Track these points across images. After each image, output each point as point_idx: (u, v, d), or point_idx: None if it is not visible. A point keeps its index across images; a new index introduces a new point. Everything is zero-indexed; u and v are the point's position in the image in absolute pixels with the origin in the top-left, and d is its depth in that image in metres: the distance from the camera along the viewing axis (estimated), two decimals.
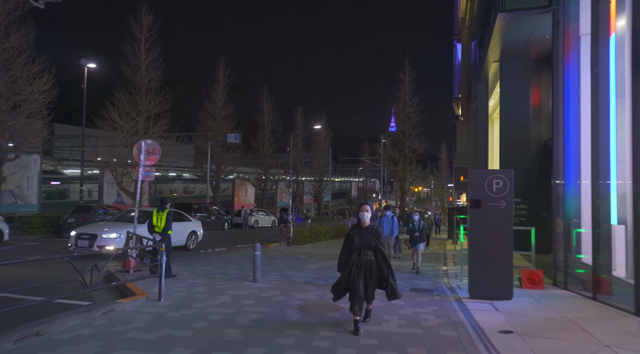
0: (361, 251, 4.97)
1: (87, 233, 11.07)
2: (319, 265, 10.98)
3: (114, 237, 10.97)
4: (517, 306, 6.34)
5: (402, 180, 28.42)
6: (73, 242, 11.04)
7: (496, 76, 15.16)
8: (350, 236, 5.07)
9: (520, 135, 13.93)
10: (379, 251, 5.00)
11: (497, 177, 6.87)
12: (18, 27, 15.95)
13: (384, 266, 5.00)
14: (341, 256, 5.12)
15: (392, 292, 5.03)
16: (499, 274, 6.75)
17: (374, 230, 5.04)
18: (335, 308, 6.13)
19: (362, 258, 4.97)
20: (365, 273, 4.97)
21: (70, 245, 11.16)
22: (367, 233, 5.00)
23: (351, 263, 4.95)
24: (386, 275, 5.00)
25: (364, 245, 4.96)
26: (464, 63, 25.52)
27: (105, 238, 10.92)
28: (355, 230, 5.07)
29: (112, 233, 11.08)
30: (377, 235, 5.02)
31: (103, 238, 10.90)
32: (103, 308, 5.51)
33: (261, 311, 5.87)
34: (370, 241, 4.97)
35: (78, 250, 10.73)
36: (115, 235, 10.99)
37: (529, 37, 11.61)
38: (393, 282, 5.03)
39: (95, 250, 10.46)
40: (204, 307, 6.03)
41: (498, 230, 6.80)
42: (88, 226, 12.32)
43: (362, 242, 4.96)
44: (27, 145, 17.48)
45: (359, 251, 4.97)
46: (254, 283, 7.97)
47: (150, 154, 8.83)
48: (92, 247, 10.63)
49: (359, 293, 4.81)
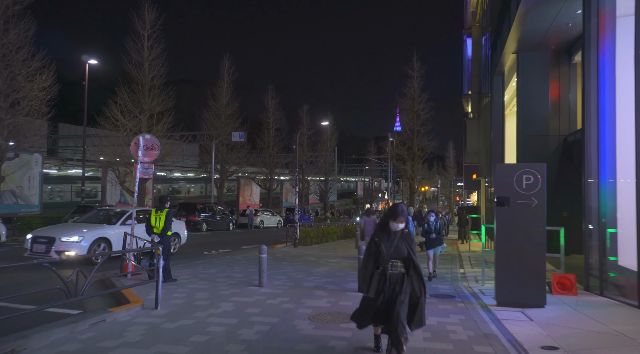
0: (390, 262, 3.82)
1: (45, 237, 9.52)
2: (328, 267, 10.38)
3: (76, 241, 9.44)
4: (553, 315, 5.69)
5: (411, 179, 27.73)
6: (28, 246, 9.57)
7: (512, 69, 14.47)
8: (375, 243, 3.87)
9: (539, 130, 13.25)
10: (412, 263, 3.83)
11: (527, 172, 6.23)
12: (17, 22, 15.53)
13: (417, 282, 3.82)
14: (364, 270, 3.89)
15: (420, 319, 3.87)
16: (530, 279, 6.11)
17: (405, 235, 3.87)
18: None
19: (390, 271, 3.81)
20: (393, 291, 3.79)
21: (26, 249, 9.66)
22: (398, 238, 3.85)
23: (378, 280, 3.79)
24: (418, 295, 3.81)
25: (394, 255, 3.82)
26: (474, 59, 24.82)
27: (64, 242, 9.34)
28: (381, 235, 3.87)
29: (73, 236, 9.53)
30: (409, 240, 3.87)
31: (62, 241, 9.32)
32: (92, 319, 4.95)
33: (268, 322, 5.28)
34: (402, 250, 3.81)
35: (34, 255, 9.25)
36: (77, 238, 9.49)
37: (550, 25, 10.93)
38: (424, 303, 3.89)
39: (52, 255, 9.04)
40: (205, 317, 5.44)
41: (529, 231, 6.16)
42: (47, 228, 10.81)
43: (392, 251, 3.80)
44: (27, 143, 17.04)
45: (386, 264, 3.81)
46: (260, 288, 7.38)
47: (149, 150, 8.28)
48: (49, 252, 9.17)
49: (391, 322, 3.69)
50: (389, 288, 3.76)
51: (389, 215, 3.88)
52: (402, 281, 3.77)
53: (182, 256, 11.71)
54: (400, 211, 3.83)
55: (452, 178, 61.75)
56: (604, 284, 6.97)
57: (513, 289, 6.18)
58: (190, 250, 13.69)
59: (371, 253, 3.87)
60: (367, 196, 63.64)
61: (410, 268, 3.82)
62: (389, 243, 3.81)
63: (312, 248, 15.77)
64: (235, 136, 26.66)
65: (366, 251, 3.90)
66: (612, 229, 7.21)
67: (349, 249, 15.58)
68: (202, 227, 22.50)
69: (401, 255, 3.81)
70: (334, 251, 14.72)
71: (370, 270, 3.84)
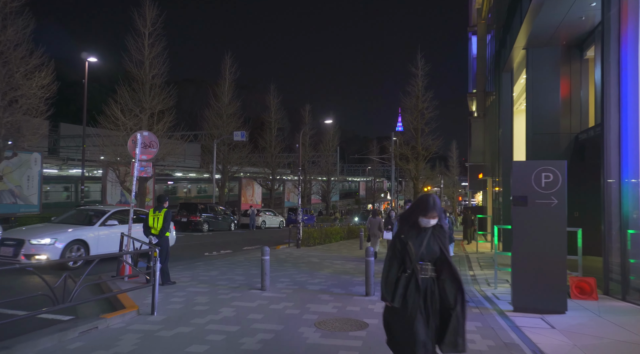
0: (419, 264, 3.06)
1: (13, 239, 8.73)
2: (332, 269, 10.02)
3: (47, 243, 8.56)
4: (576, 322, 5.32)
5: (415, 179, 27.32)
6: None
7: (520, 65, 14.10)
8: (401, 241, 3.12)
9: (549, 128, 12.87)
10: (446, 264, 3.07)
11: (546, 170, 5.86)
12: (15, 18, 15.26)
13: (451, 287, 3.03)
14: (387, 273, 3.12)
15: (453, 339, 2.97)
16: (550, 283, 5.74)
17: (437, 231, 3.13)
18: (359, 325, 5.17)
19: (420, 275, 3.03)
20: (424, 300, 3.01)
21: None
22: (429, 236, 3.10)
23: (404, 286, 3.03)
24: (451, 304, 3.00)
25: (424, 256, 3.06)
26: (479, 57, 24.43)
27: (35, 244, 8.49)
28: (408, 232, 3.13)
29: (44, 238, 8.64)
30: (442, 237, 3.14)
31: (32, 244, 8.47)
32: (83, 326, 4.61)
33: (272, 329, 4.93)
34: (434, 249, 3.07)
35: (1, 259, 8.42)
36: (49, 241, 8.61)
37: (562, 18, 10.56)
38: (462, 317, 3.01)
39: (21, 259, 8.27)
40: (204, 323, 5.10)
41: (548, 232, 5.79)
42: (17, 229, 10.01)
43: (422, 251, 3.06)
44: (26, 142, 16.76)
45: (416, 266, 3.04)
46: (263, 291, 7.04)
47: (147, 147, 7.95)
48: (17, 256, 8.34)
49: (420, 341, 2.91)
50: (418, 297, 2.99)
51: (419, 209, 3.11)
52: (432, 287, 3.06)
53: (182, 258, 11.38)
54: (432, 205, 3.08)
55: (455, 178, 61.29)
56: (626, 288, 6.59)
57: (531, 294, 5.82)
58: (190, 251, 13.37)
59: (396, 253, 3.13)
60: (370, 196, 63.28)
61: (444, 270, 3.07)
62: (418, 241, 3.08)
63: (315, 249, 15.42)
64: (237, 135, 26.35)
65: (389, 251, 3.19)
66: (633, 230, 6.84)
67: (353, 250, 15.23)
68: (204, 227, 22.18)
69: (433, 255, 3.08)
70: (338, 252, 14.37)
71: (395, 273, 3.09)
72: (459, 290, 3.03)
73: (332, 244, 17.86)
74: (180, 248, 14.07)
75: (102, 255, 4.72)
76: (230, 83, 29.76)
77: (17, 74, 15.36)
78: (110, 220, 9.87)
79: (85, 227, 9.58)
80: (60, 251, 8.67)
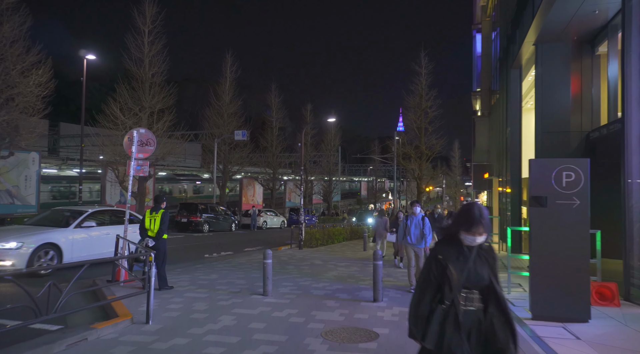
0: (461, 295, 2.41)
1: None
2: (337, 272, 9.67)
3: (13, 247, 7.73)
4: (601, 332, 4.96)
5: (419, 179, 26.95)
6: None
7: (529, 62, 13.73)
8: (439, 263, 2.47)
9: (559, 126, 12.49)
10: (494, 295, 2.42)
11: (567, 169, 5.50)
12: (11, 15, 14.95)
13: (501, 324, 2.37)
14: (417, 303, 2.45)
15: None
16: (571, 290, 5.38)
17: (485, 252, 2.50)
18: (369, 335, 4.81)
19: (464, 308, 2.39)
20: (467, 340, 2.35)
21: None
22: (474, 257, 2.45)
23: (440, 321, 2.36)
24: (502, 345, 2.33)
25: (468, 283, 2.42)
26: (484, 55, 24.06)
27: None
28: (448, 251, 2.48)
29: (9, 241, 7.77)
30: (491, 260, 2.51)
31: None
32: (72, 337, 4.27)
33: (275, 340, 4.58)
34: (481, 275, 2.42)
35: None
36: (15, 245, 7.75)
37: (575, 12, 10.19)
38: None
39: None
40: (202, 334, 4.75)
41: (570, 234, 5.43)
42: None
43: (466, 276, 2.41)
44: (23, 141, 16.44)
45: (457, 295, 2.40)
46: (265, 297, 6.69)
47: (143, 145, 7.60)
48: None
49: None
50: (458, 336, 2.31)
51: (462, 222, 2.46)
52: (478, 323, 2.37)
53: (182, 260, 11.04)
54: (479, 218, 2.40)
55: (458, 178, 60.90)
56: None
57: (551, 300, 5.46)
58: (190, 253, 13.03)
59: (431, 278, 2.46)
60: (371, 196, 62.91)
61: (491, 302, 2.39)
62: (461, 263, 2.42)
63: (318, 250, 15.06)
64: (237, 134, 26.01)
65: (422, 275, 2.52)
66: None
67: (357, 251, 14.88)
68: (204, 228, 21.85)
69: (480, 283, 2.40)
70: (341, 253, 14.01)
71: (428, 304, 2.40)
72: (511, 328, 2.36)
73: (334, 245, 17.51)
74: (180, 250, 13.73)
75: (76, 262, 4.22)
76: (231, 82, 29.43)
77: (14, 72, 15.04)
78: (88, 221, 9.02)
79: (59, 229, 8.61)
80: (28, 257, 7.78)
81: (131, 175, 7.56)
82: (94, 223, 9.11)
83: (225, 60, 29.46)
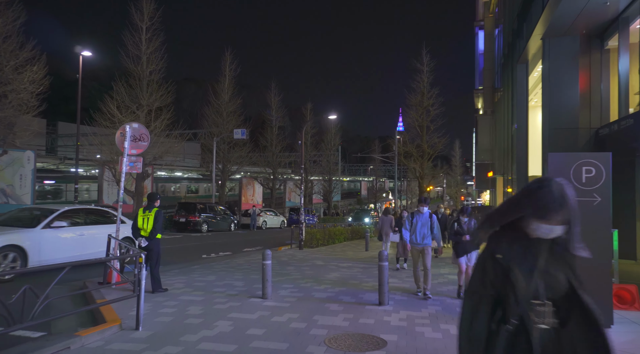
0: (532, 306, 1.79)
1: None
2: (339, 273, 9.31)
3: None
4: (626, 339, 4.61)
5: (421, 178, 26.60)
6: None
7: (535, 57, 13.39)
8: (497, 265, 1.85)
9: (567, 122, 12.16)
10: (577, 305, 1.89)
11: (587, 163, 5.15)
12: (4, 10, 14.61)
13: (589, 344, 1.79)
14: (470, 322, 1.85)
15: None
16: (592, 294, 4.99)
17: (560, 248, 1.89)
18: (376, 343, 4.46)
19: (532, 325, 1.78)
20: None
21: None
22: (546, 255, 1.86)
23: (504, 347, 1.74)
24: None
25: (540, 294, 1.81)
26: (487, 52, 23.74)
27: None
28: (509, 248, 1.85)
29: None
30: (570, 257, 1.95)
31: None
32: (54, 346, 3.90)
33: (275, 348, 4.23)
34: (558, 280, 1.85)
35: None
36: None
37: (585, 4, 9.85)
38: None
39: None
40: (196, 341, 4.39)
41: (591, 234, 5.04)
42: None
43: (537, 287, 1.80)
44: (16, 139, 16.08)
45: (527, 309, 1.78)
46: (264, 300, 6.33)
47: (136, 141, 7.25)
48: None
49: None
50: None
51: (529, 207, 1.75)
52: (551, 345, 1.69)
53: (178, 260, 10.68)
54: (560, 199, 1.74)
55: (458, 177, 60.52)
56: None
57: None
58: (188, 253, 12.68)
59: (486, 286, 1.78)
60: (371, 196, 62.51)
61: (573, 318, 1.79)
62: (529, 265, 1.74)
63: (319, 250, 14.71)
64: (237, 133, 25.64)
65: (473, 282, 1.86)
66: None
67: (359, 252, 14.53)
68: (203, 228, 21.49)
69: (556, 290, 1.78)
70: (343, 254, 13.65)
71: (486, 322, 1.73)
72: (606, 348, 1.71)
73: (335, 245, 17.17)
74: (177, 250, 13.39)
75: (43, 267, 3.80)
76: (231, 80, 29.08)
77: (7, 68, 14.69)
78: (58, 221, 8.19)
79: (24, 230, 7.75)
80: None
81: (124, 172, 7.20)
82: (65, 223, 8.31)
83: (224, 58, 29.14)
